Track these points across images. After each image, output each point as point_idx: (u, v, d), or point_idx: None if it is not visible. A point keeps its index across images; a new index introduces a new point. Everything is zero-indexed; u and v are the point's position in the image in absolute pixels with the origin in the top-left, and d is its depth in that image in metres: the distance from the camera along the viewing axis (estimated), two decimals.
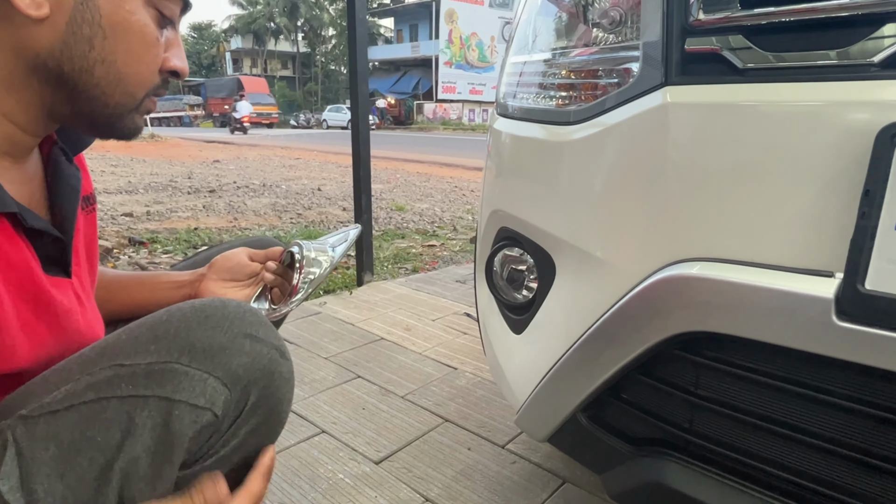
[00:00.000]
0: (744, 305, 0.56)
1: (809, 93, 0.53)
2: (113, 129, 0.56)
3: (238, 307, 0.55)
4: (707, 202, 0.58)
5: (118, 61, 0.52)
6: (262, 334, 0.55)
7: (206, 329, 0.52)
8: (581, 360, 0.72)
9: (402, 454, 1.24)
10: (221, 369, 0.51)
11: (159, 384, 0.49)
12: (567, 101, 0.77)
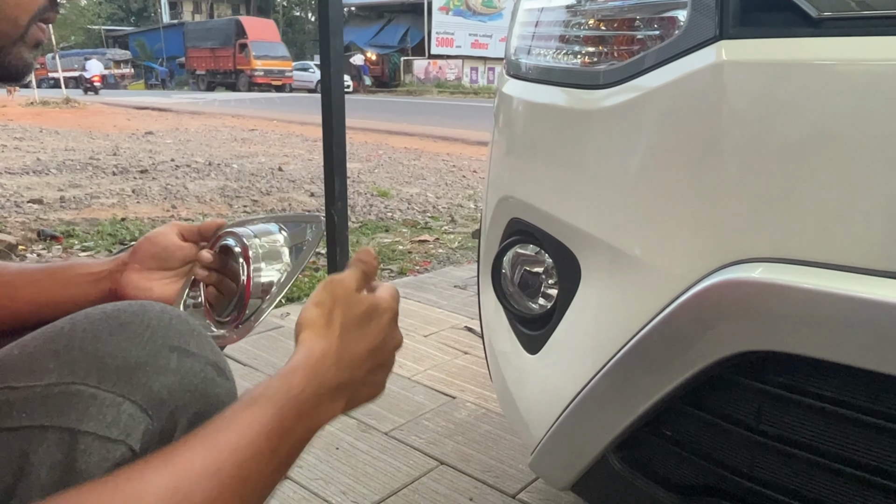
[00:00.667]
0: (818, 318, 0.56)
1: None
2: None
3: (162, 312, 0.54)
4: (773, 188, 0.59)
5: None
6: (193, 346, 0.54)
7: (119, 341, 0.51)
8: (613, 387, 0.73)
9: None
10: (140, 391, 0.50)
11: (60, 411, 0.47)
12: (596, 58, 0.78)
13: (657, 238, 0.68)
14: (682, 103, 0.66)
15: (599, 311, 0.76)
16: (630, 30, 0.74)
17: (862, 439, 0.61)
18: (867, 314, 0.53)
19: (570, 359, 0.80)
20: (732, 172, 0.61)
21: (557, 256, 0.83)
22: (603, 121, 0.74)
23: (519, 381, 0.91)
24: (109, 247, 3.13)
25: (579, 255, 0.78)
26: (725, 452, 0.70)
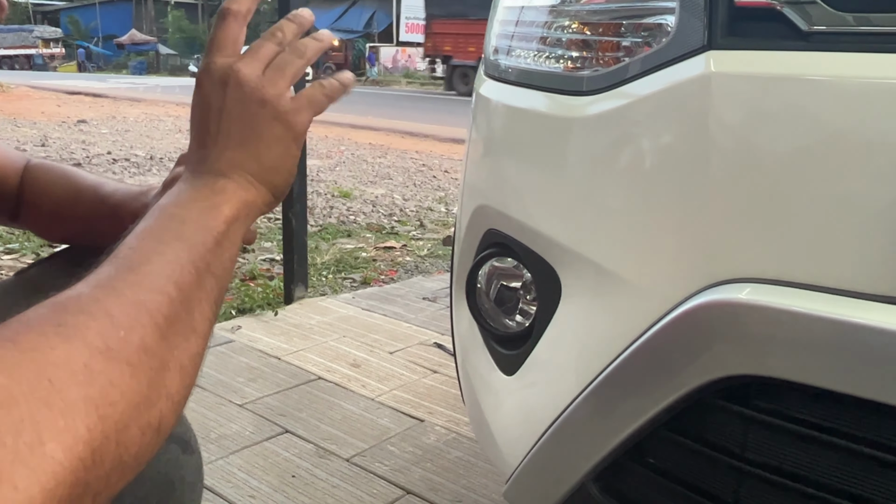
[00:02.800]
0: (806, 342, 0.58)
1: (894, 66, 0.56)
2: None
3: None
4: (761, 205, 0.61)
5: None
6: None
7: None
8: (593, 412, 0.74)
9: None
10: None
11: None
12: (580, 63, 0.79)
13: (641, 255, 0.70)
14: (669, 115, 0.67)
15: (580, 330, 0.77)
16: (615, 35, 0.76)
17: (851, 468, 0.63)
18: (856, 339, 0.56)
19: (548, 380, 0.81)
20: (720, 189, 0.63)
21: (537, 271, 0.84)
22: (585, 129, 0.75)
23: (494, 403, 0.92)
24: (37, 249, 3.07)
25: (560, 271, 0.80)
26: (709, 481, 0.72)
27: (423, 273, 3.06)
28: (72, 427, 0.35)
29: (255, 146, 0.57)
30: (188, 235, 0.51)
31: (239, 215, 0.55)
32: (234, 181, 0.56)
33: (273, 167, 0.59)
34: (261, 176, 0.58)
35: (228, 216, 0.54)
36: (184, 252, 0.49)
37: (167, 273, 0.47)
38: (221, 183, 0.55)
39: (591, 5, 0.80)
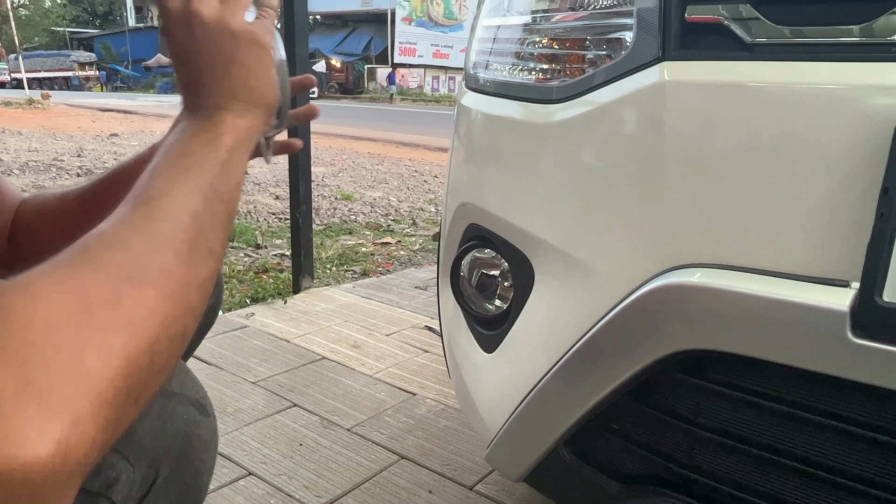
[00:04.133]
0: (748, 319, 0.58)
1: (823, 74, 0.56)
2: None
3: None
4: (709, 199, 0.61)
5: None
6: (175, 386, 0.50)
7: None
8: (564, 384, 0.74)
9: (348, 500, 1.24)
10: (122, 440, 0.45)
11: None
12: (549, 74, 0.79)
13: (604, 244, 0.70)
14: (628, 118, 0.67)
15: (551, 312, 0.77)
16: (581, 49, 0.75)
17: (789, 430, 0.63)
18: (789, 315, 0.56)
19: (524, 357, 0.81)
20: (673, 184, 0.63)
21: (513, 260, 0.84)
22: (555, 133, 0.75)
23: (476, 378, 0.92)
24: None
25: (533, 260, 0.79)
26: (666, 444, 0.72)
27: (415, 265, 3.05)
28: (107, 344, 0.35)
29: (238, 73, 0.56)
30: (195, 167, 0.50)
31: (239, 141, 0.54)
32: (230, 110, 0.55)
33: (259, 86, 0.57)
34: (251, 98, 0.56)
35: (230, 144, 0.53)
36: (193, 182, 0.49)
37: (179, 204, 0.47)
38: (219, 115, 0.54)
39: (558, 23, 0.80)
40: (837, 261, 0.54)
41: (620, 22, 0.70)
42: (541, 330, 0.79)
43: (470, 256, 0.93)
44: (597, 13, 0.74)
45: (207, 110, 0.55)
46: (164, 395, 0.49)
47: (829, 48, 0.57)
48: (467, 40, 1.00)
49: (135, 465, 0.47)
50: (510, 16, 0.88)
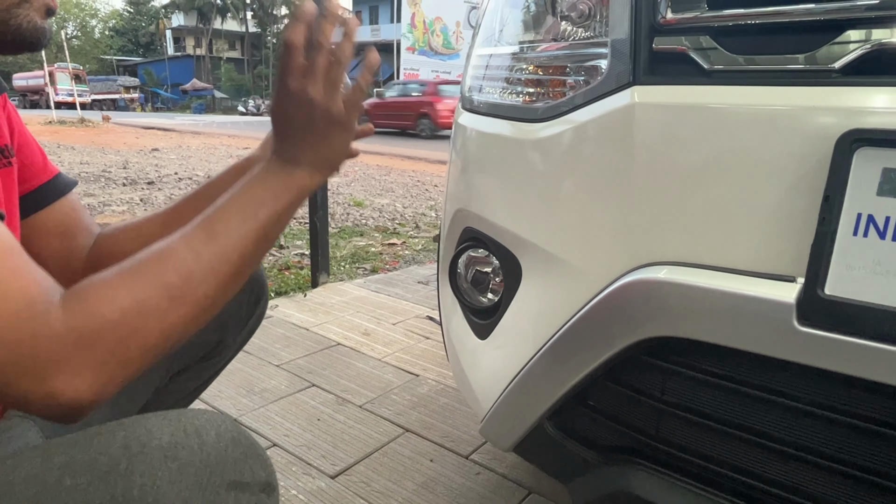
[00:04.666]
0: (708, 310, 0.58)
1: (773, 97, 0.56)
2: (7, 29, 0.52)
3: (217, 441, 0.45)
4: (673, 205, 0.61)
5: None
6: (248, 476, 0.46)
7: (180, 489, 0.41)
8: (547, 366, 0.74)
9: (359, 467, 1.24)
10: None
11: None
12: (534, 97, 0.79)
13: (582, 245, 0.70)
14: (603, 135, 0.67)
15: (537, 304, 0.77)
16: (562, 75, 0.75)
17: (744, 406, 0.63)
18: (743, 306, 0.56)
19: (512, 343, 0.81)
20: (642, 192, 0.63)
21: (503, 259, 0.84)
22: (539, 148, 0.75)
23: (471, 361, 0.92)
24: None
25: (520, 258, 0.79)
26: (636, 418, 0.72)
27: (418, 263, 3.05)
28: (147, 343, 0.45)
29: (321, 146, 0.59)
30: (258, 215, 0.54)
31: (301, 197, 0.58)
32: (303, 169, 0.58)
33: (334, 156, 0.61)
34: (323, 164, 0.60)
35: (292, 199, 0.57)
36: (251, 227, 0.53)
37: (235, 244, 0.52)
38: (295, 171, 0.58)
39: (542, 53, 0.80)
40: (785, 259, 0.55)
41: (596, 51, 0.71)
42: (527, 319, 0.79)
43: (466, 255, 0.93)
44: (576, 44, 0.75)
45: (287, 162, 0.59)
46: (238, 488, 0.45)
47: (778, 74, 0.57)
48: (463, 67, 0.99)
49: None
50: (501, 46, 0.88)
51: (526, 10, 0.86)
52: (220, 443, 0.45)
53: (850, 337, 0.51)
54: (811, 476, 0.61)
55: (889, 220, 0.49)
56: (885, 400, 0.55)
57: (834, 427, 0.58)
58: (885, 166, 0.49)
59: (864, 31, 0.53)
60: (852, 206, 0.50)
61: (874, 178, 0.49)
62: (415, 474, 1.22)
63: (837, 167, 0.50)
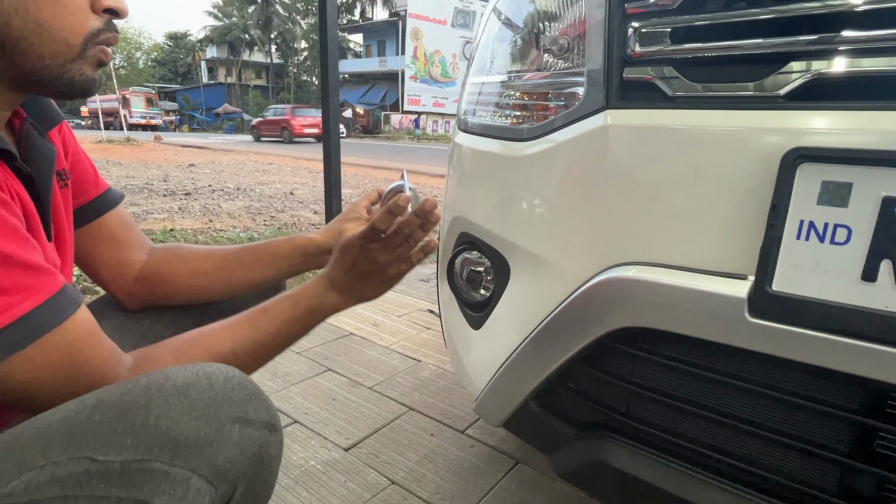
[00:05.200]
0: (672, 304, 0.58)
1: (728, 119, 0.56)
2: (62, 83, 0.52)
3: (226, 383, 0.47)
4: (641, 212, 0.61)
5: (31, 7, 0.47)
6: (251, 414, 0.48)
7: (190, 419, 0.43)
8: (532, 353, 0.74)
9: (369, 441, 1.24)
10: (206, 466, 0.44)
11: (136, 485, 0.41)
12: (521, 119, 0.79)
13: (562, 247, 0.70)
14: (580, 153, 0.67)
15: (523, 298, 0.77)
16: (545, 100, 0.75)
17: (701, 387, 0.63)
18: (702, 301, 0.56)
19: (502, 333, 0.81)
20: (614, 201, 0.63)
21: (494, 259, 0.84)
22: (525, 164, 0.75)
23: (466, 349, 0.92)
24: None
25: (509, 259, 0.79)
26: (609, 398, 0.73)
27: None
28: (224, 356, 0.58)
29: (366, 289, 0.67)
30: (294, 331, 0.64)
31: (327, 316, 0.66)
32: (342, 297, 0.67)
33: (370, 296, 0.69)
34: (359, 298, 0.68)
35: (323, 317, 0.66)
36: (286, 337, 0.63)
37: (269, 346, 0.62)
38: (333, 297, 0.66)
39: (528, 81, 0.80)
40: (738, 259, 0.55)
41: (574, 80, 0.71)
42: (515, 312, 0.79)
43: (461, 257, 0.93)
44: (557, 73, 0.75)
45: (334, 289, 0.66)
46: (242, 423, 0.46)
47: (731, 99, 0.57)
48: (459, 93, 1.00)
49: (217, 486, 0.45)
50: (491, 75, 0.88)
51: (513, 44, 0.86)
52: (228, 385, 0.47)
53: (795, 327, 0.51)
54: (758, 446, 0.61)
55: (827, 225, 0.49)
56: (824, 381, 0.55)
57: (779, 404, 0.58)
58: (824, 179, 0.49)
59: (805, 63, 0.53)
60: (796, 214, 0.50)
61: (814, 189, 0.49)
62: (417, 447, 1.22)
63: (783, 180, 0.51)
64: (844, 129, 0.50)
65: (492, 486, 1.09)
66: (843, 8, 0.51)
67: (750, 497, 0.60)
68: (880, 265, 0.47)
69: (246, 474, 0.47)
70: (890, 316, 0.47)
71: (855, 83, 0.51)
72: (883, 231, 0.47)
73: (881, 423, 0.52)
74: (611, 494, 0.76)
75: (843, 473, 0.56)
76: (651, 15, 0.62)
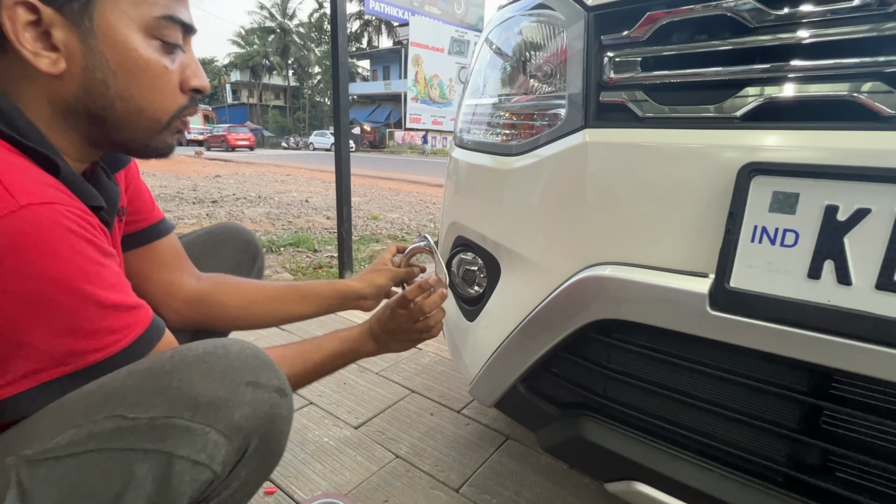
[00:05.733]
0: (643, 298, 0.59)
1: (691, 137, 0.56)
2: (147, 150, 0.54)
3: (241, 352, 0.48)
4: (616, 218, 0.61)
5: (134, 95, 0.49)
6: (263, 379, 0.48)
7: (209, 382, 0.45)
8: (520, 342, 0.75)
9: (377, 420, 1.24)
10: (223, 422, 0.45)
11: (161, 439, 0.42)
12: (510, 137, 0.79)
13: (547, 249, 0.70)
14: (562, 166, 0.67)
15: (512, 294, 0.77)
16: (531, 120, 0.76)
17: (668, 371, 0.64)
18: (668, 296, 0.56)
19: (494, 325, 0.81)
20: (592, 209, 0.63)
21: (486, 260, 0.84)
22: (513, 176, 0.75)
23: (462, 338, 0.92)
24: None
25: (500, 260, 0.80)
26: (588, 381, 0.73)
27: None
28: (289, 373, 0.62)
29: (396, 344, 0.77)
30: (334, 366, 0.72)
31: (361, 359, 0.76)
32: (379, 346, 0.77)
33: (402, 349, 0.79)
34: (394, 349, 0.78)
35: (356, 360, 0.75)
36: (328, 370, 0.72)
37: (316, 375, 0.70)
38: (371, 346, 0.77)
39: (516, 103, 0.80)
40: (700, 260, 0.55)
41: (557, 102, 0.71)
42: (505, 306, 0.79)
43: (458, 258, 0.93)
44: (541, 97, 0.75)
45: (373, 338, 0.77)
46: (254, 386, 0.47)
47: (694, 120, 0.58)
48: (455, 113, 1.00)
49: (232, 439, 0.46)
50: (484, 98, 0.88)
51: (503, 70, 0.86)
52: (242, 354, 0.48)
53: (750, 319, 0.51)
54: (717, 423, 0.62)
55: (777, 230, 0.50)
56: (776, 367, 0.55)
57: (737, 387, 0.59)
58: (775, 189, 0.50)
59: (758, 88, 0.54)
60: (751, 220, 0.51)
61: (766, 198, 0.50)
62: (419, 425, 1.22)
63: (739, 190, 0.51)
64: (792, 146, 0.50)
65: (485, 459, 1.10)
66: (792, 41, 0.52)
67: (711, 468, 0.61)
68: (824, 265, 0.48)
69: (258, 431, 0.47)
70: (832, 309, 0.47)
71: (801, 106, 0.52)
72: (825, 235, 0.47)
73: (825, 403, 0.53)
74: (589, 466, 0.77)
75: (792, 446, 0.57)
76: (624, 45, 0.62)
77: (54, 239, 0.41)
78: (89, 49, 0.47)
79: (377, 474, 1.04)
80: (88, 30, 0.46)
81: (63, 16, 0.45)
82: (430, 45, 3.93)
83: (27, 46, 0.44)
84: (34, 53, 0.45)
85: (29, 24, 0.44)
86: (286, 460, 1.07)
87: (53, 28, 0.45)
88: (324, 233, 3.91)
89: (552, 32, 0.72)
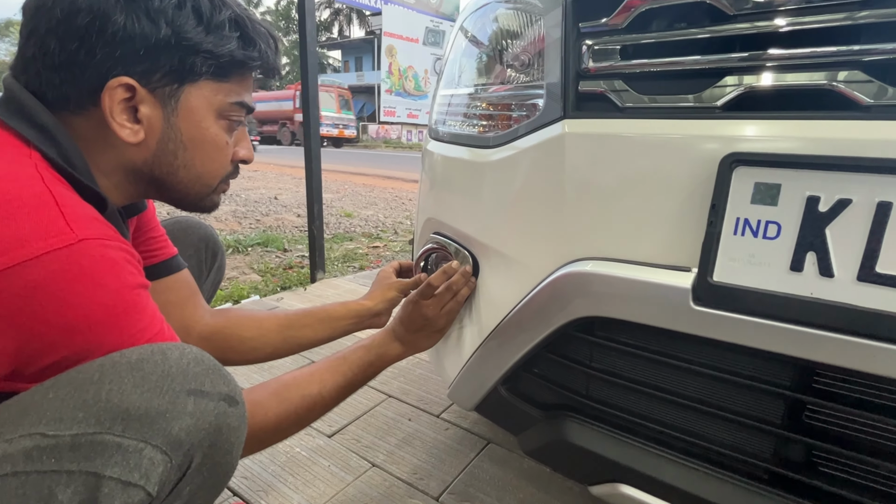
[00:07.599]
0: (625, 294, 0.59)
1: (671, 127, 0.57)
2: (195, 207, 0.62)
3: (180, 358, 0.44)
4: (596, 212, 0.61)
5: (196, 164, 0.58)
6: (207, 386, 0.45)
7: (142, 392, 0.41)
8: (500, 342, 0.74)
9: (351, 427, 1.22)
10: (160, 436, 0.41)
11: (86, 458, 0.38)
12: (486, 128, 0.78)
13: (526, 244, 0.70)
14: (541, 158, 0.67)
15: (490, 292, 0.77)
16: (508, 111, 0.75)
17: (652, 369, 0.64)
18: (651, 291, 0.57)
19: (472, 324, 0.80)
20: (572, 202, 0.63)
21: (463, 257, 0.83)
22: (491, 169, 0.74)
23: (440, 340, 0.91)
24: None
25: (478, 256, 0.79)
26: (570, 382, 0.73)
27: None
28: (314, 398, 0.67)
29: (423, 340, 0.79)
30: (365, 376, 0.74)
31: (388, 365, 0.77)
32: (402, 346, 0.78)
33: (425, 346, 0.80)
34: (416, 348, 0.80)
35: (386, 365, 0.77)
36: (359, 382, 0.74)
37: (347, 389, 0.72)
38: (395, 347, 0.78)
39: (493, 93, 0.80)
40: (682, 253, 0.55)
41: (535, 92, 0.71)
42: (483, 304, 0.79)
43: (434, 255, 0.92)
44: (519, 86, 0.75)
45: (396, 339, 0.79)
46: (197, 395, 0.44)
47: (674, 110, 0.58)
48: (430, 105, 0.99)
49: (171, 455, 0.42)
50: (460, 88, 0.87)
51: (479, 59, 0.85)
52: (183, 360, 0.44)
53: (734, 313, 0.52)
54: (702, 420, 0.62)
55: (760, 222, 0.50)
56: (760, 362, 0.56)
57: (721, 383, 0.59)
58: (756, 181, 0.50)
59: (738, 77, 0.54)
60: (733, 212, 0.51)
61: (748, 189, 0.50)
62: (396, 431, 1.21)
63: (721, 182, 0.51)
64: (774, 136, 0.51)
65: (465, 464, 1.09)
66: (770, 29, 0.52)
67: (695, 467, 0.61)
68: (806, 257, 0.48)
69: (202, 444, 0.44)
70: (815, 302, 0.48)
71: (782, 95, 0.53)
72: (808, 226, 0.48)
73: (809, 398, 0.54)
74: (573, 469, 0.77)
75: (776, 443, 0.58)
76: (602, 34, 0.62)
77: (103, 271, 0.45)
78: (169, 125, 0.54)
79: (352, 485, 1.02)
80: (173, 109, 0.54)
81: (154, 96, 0.53)
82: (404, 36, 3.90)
83: (115, 119, 0.51)
84: (120, 125, 0.52)
85: (122, 100, 0.51)
86: (255, 473, 1.05)
87: (142, 104, 0.52)
88: (294, 231, 3.85)
89: (529, 20, 0.72)
